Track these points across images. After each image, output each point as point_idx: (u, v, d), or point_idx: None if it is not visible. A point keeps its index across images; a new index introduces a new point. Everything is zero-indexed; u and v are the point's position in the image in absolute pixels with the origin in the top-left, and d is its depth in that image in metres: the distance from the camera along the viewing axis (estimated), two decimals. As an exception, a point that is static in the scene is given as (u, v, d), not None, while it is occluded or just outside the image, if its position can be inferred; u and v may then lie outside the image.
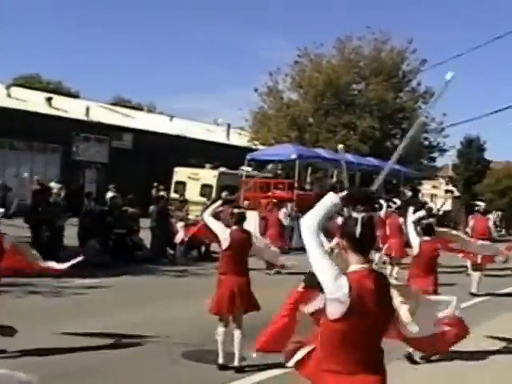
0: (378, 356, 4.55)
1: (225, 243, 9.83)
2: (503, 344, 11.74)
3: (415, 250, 11.15)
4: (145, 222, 24.25)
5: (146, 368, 9.70)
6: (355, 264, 4.49)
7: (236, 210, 10.19)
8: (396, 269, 19.54)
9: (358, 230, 4.45)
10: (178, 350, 10.55)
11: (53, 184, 21.33)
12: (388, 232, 21.14)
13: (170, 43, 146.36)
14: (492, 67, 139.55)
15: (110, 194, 25.78)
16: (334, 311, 4.28)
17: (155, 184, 34.37)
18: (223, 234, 9.91)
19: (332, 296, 4.28)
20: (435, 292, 10.99)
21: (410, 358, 10.55)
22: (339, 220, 10.87)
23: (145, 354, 10.36)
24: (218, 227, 10.11)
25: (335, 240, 6.32)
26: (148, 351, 10.52)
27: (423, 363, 10.54)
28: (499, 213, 47.80)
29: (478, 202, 23.33)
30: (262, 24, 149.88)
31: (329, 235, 11.92)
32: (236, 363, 9.60)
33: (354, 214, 4.54)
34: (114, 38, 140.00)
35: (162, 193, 25.57)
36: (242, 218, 10.08)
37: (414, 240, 11.30)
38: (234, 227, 9.92)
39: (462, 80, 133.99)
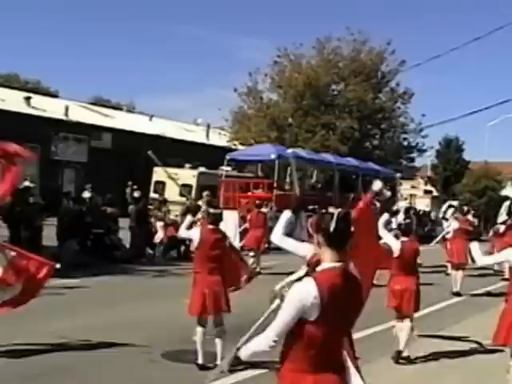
0: (341, 354, 4.57)
1: (195, 242, 9.95)
2: (478, 344, 11.79)
3: (396, 252, 11.09)
4: (124, 222, 24.19)
5: (124, 368, 9.68)
6: (328, 261, 4.44)
7: (212, 210, 10.24)
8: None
9: (333, 225, 4.40)
10: (157, 349, 10.54)
11: (26, 183, 21.15)
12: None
13: (149, 43, 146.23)
14: (469, 69, 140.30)
15: (86, 194, 25.61)
16: (309, 314, 4.24)
17: (129, 183, 34.18)
18: (195, 234, 10.03)
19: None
20: (418, 291, 11.03)
21: (396, 358, 10.62)
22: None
23: (123, 354, 10.34)
24: (191, 233, 10.25)
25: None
26: (127, 351, 10.50)
27: (403, 363, 10.60)
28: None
29: (453, 203, 23.50)
30: (242, 24, 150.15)
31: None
32: (219, 362, 9.59)
33: (331, 209, 4.51)
34: (93, 38, 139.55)
35: (136, 193, 25.33)
36: (217, 219, 10.13)
37: (393, 242, 11.25)
38: (208, 227, 9.99)
39: (441, 81, 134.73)
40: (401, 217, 19.61)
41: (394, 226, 16.24)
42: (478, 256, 9.28)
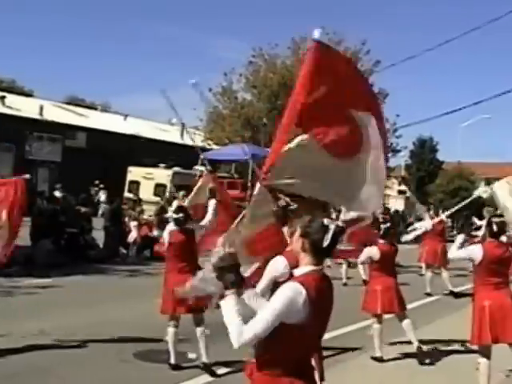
0: (311, 356, 4.64)
1: (165, 242, 10.11)
2: (452, 343, 11.86)
3: (376, 256, 11.12)
4: (98, 222, 24.14)
5: (96, 368, 9.67)
6: (307, 265, 4.42)
7: (175, 216, 10.29)
8: (344, 267, 19.67)
9: (328, 239, 4.36)
10: (130, 349, 10.54)
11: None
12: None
13: (124, 42, 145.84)
14: (444, 69, 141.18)
15: (57, 194, 25.50)
16: (295, 317, 4.20)
17: (96, 182, 34.06)
18: (165, 234, 10.11)
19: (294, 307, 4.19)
20: (398, 290, 11.12)
21: (377, 358, 10.72)
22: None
23: (96, 354, 10.33)
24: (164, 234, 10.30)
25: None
26: (99, 351, 10.49)
27: (377, 363, 10.67)
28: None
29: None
30: (217, 24, 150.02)
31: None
32: (204, 359, 9.61)
33: (325, 221, 4.42)
34: (68, 38, 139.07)
35: (102, 193, 25.20)
36: (184, 219, 10.13)
37: (369, 250, 11.29)
38: (175, 228, 10.04)
39: (415, 81, 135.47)
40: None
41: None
42: (453, 248, 9.38)
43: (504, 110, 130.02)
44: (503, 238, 9.31)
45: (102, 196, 26.14)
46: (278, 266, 6.49)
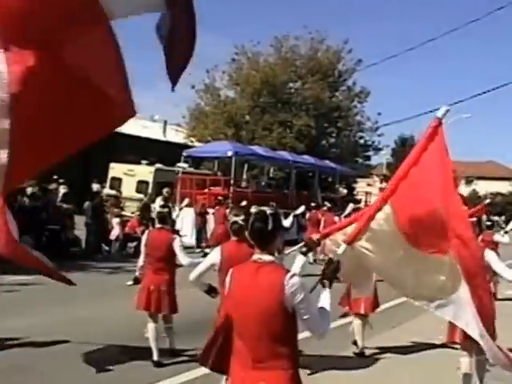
0: (266, 351, 4.45)
1: (142, 242, 10.38)
2: (432, 340, 11.91)
3: None
4: (79, 218, 24.04)
5: (78, 365, 9.63)
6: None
7: (159, 209, 10.51)
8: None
9: (270, 224, 4.55)
10: (111, 347, 10.52)
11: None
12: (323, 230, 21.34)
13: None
14: (425, 68, 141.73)
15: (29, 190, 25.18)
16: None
17: (55, 177, 33.45)
18: (144, 235, 10.54)
19: None
20: (375, 289, 11.16)
21: (359, 354, 10.78)
22: None
23: (77, 352, 10.28)
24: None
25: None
26: (81, 348, 10.44)
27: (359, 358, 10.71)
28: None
29: None
30: (201, 21, 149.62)
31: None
32: (155, 358, 9.72)
33: (252, 210, 4.95)
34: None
35: (62, 188, 24.83)
36: (162, 218, 10.22)
37: None
38: (153, 227, 10.23)
39: (396, 80, 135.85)
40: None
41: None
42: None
43: (483, 109, 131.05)
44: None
45: (62, 191, 25.63)
46: (213, 254, 7.52)
